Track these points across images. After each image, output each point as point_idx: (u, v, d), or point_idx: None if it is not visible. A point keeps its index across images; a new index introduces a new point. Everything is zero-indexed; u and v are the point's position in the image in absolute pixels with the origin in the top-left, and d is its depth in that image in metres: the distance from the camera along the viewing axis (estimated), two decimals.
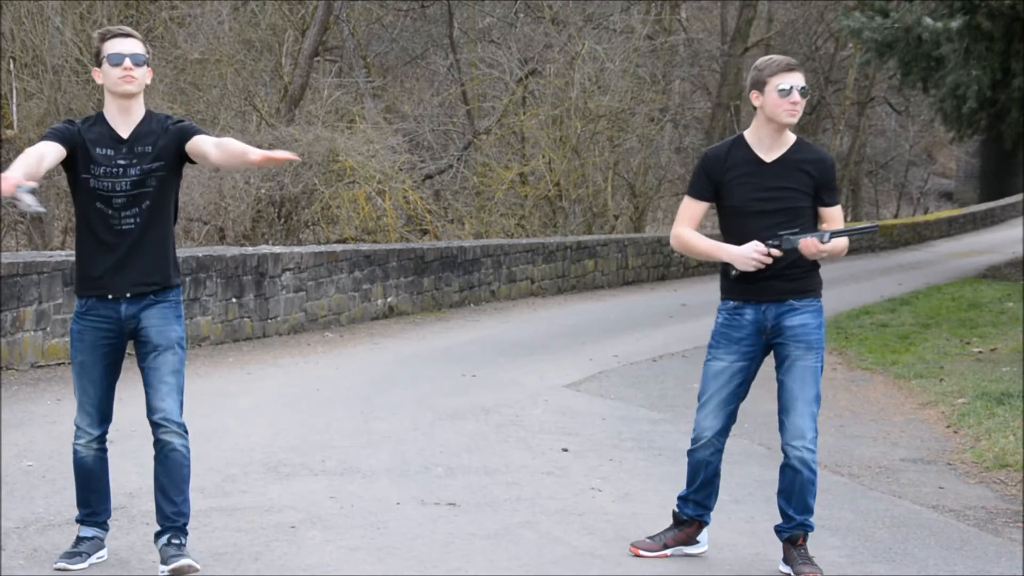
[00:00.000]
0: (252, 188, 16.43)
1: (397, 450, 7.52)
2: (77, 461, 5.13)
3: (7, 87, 16.61)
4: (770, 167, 5.24)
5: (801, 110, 5.22)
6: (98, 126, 4.96)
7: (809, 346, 5.21)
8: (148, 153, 4.94)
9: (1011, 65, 16.60)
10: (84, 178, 4.93)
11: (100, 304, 5.01)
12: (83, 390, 5.08)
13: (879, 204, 43.50)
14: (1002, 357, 11.73)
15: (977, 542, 5.92)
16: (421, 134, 21.95)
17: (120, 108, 4.95)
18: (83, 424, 5.11)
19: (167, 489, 5.00)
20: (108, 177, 4.91)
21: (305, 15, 20.64)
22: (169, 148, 4.95)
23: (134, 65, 4.88)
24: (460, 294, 17.32)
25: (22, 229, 16.65)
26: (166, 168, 4.97)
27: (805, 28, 33.06)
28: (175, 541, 4.97)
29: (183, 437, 5.00)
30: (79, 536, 5.14)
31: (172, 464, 4.98)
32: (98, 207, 4.93)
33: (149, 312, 5.02)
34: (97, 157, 4.90)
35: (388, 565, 5.27)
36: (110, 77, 4.91)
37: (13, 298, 9.90)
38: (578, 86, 21.63)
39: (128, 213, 4.93)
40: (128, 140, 4.94)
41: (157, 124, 5.00)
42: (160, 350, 5.00)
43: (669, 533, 5.47)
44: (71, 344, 5.10)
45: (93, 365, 5.05)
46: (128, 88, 4.89)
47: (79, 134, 4.92)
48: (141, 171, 4.93)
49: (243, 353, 11.85)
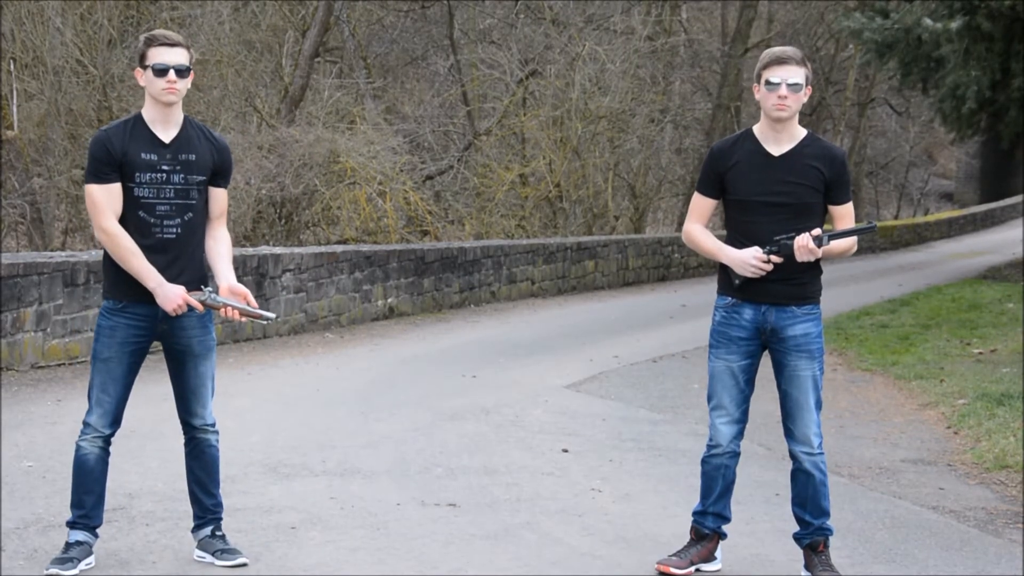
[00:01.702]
0: (253, 189, 16.43)
1: (397, 451, 7.52)
2: (80, 459, 5.11)
3: (7, 88, 16.61)
4: (778, 161, 5.13)
5: (794, 104, 5.06)
6: (138, 130, 5.03)
7: (811, 356, 5.18)
8: (192, 163, 5.05)
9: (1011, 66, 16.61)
10: (128, 187, 4.98)
11: (137, 304, 5.02)
12: (103, 387, 5.07)
13: (879, 205, 43.49)
14: (1002, 358, 11.73)
15: (977, 543, 5.92)
16: (422, 135, 21.94)
17: (161, 113, 5.04)
18: (96, 422, 5.09)
19: (206, 483, 5.26)
20: (152, 184, 4.98)
21: (305, 16, 20.63)
22: (211, 168, 5.10)
23: (177, 77, 4.98)
24: (460, 295, 17.32)
25: (22, 230, 16.65)
26: (206, 183, 5.10)
27: (805, 29, 33.04)
28: (219, 533, 5.27)
29: (217, 435, 5.31)
30: (68, 541, 5.11)
31: (209, 459, 5.27)
32: (140, 215, 4.98)
33: (188, 319, 5.09)
34: (140, 163, 4.97)
35: (388, 566, 5.28)
36: (154, 86, 4.99)
37: (13, 299, 9.90)
38: (578, 87, 21.63)
39: (171, 223, 5.01)
40: (171, 145, 5.03)
41: (196, 132, 5.12)
42: (200, 359, 5.16)
43: (693, 550, 5.34)
44: (97, 340, 5.07)
45: (119, 362, 5.06)
46: (171, 99, 5.00)
47: (118, 148, 4.96)
48: (185, 181, 5.02)
49: (243, 354, 11.85)
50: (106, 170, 4.95)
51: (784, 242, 5.08)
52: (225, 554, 5.21)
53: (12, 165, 16.68)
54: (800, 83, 5.08)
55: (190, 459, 5.27)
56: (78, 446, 5.12)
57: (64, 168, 16.63)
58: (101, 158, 4.96)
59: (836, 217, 5.26)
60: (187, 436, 5.27)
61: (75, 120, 16.87)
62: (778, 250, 5.09)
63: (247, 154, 16.60)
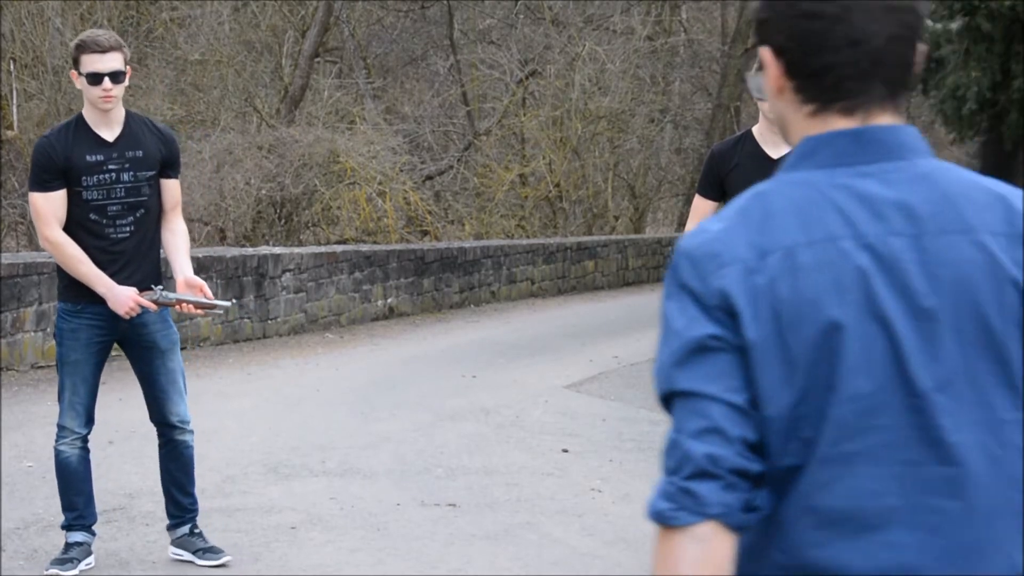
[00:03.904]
0: (252, 189, 16.44)
1: (397, 451, 7.52)
2: (62, 462, 5.06)
3: (7, 88, 16.61)
4: (777, 163, 5.14)
5: None
6: (81, 132, 4.97)
7: None
8: (140, 159, 4.99)
9: (1011, 67, 16.61)
10: (75, 191, 4.93)
11: (94, 305, 4.98)
12: (73, 389, 5.03)
13: None
14: None
15: None
16: (421, 135, 21.95)
17: (101, 115, 4.98)
18: (70, 424, 5.05)
19: (184, 483, 5.22)
20: (100, 186, 4.93)
21: (305, 16, 20.64)
22: (159, 160, 5.05)
23: (113, 84, 4.90)
24: (460, 295, 17.32)
25: (22, 230, 16.65)
26: (156, 177, 5.05)
27: None
28: (197, 531, 5.26)
29: (192, 434, 5.24)
30: (68, 542, 5.08)
31: (186, 460, 5.22)
32: (92, 218, 4.94)
33: (147, 315, 5.03)
34: (86, 165, 4.91)
35: (388, 566, 5.27)
36: (90, 93, 4.92)
37: (13, 299, 9.90)
38: (578, 87, 21.64)
39: (123, 222, 4.97)
40: (116, 144, 4.97)
41: (140, 126, 5.06)
42: (167, 353, 5.09)
43: None
44: (61, 344, 5.04)
45: (86, 363, 5.03)
46: (107, 107, 4.94)
47: (61, 153, 4.91)
48: (135, 178, 4.97)
49: (243, 354, 11.85)
50: (48, 177, 4.89)
51: None
52: (208, 553, 5.20)
53: (12, 165, 16.69)
54: None
55: (167, 460, 5.20)
56: (58, 451, 5.07)
57: None
58: (43, 165, 4.90)
59: None
60: (164, 438, 5.18)
61: None
62: None
63: (247, 154, 16.61)
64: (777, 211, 1.62)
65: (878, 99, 1.65)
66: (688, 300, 1.63)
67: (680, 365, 1.60)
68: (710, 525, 1.54)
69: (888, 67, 1.64)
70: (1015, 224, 1.63)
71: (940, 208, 1.61)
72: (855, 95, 1.64)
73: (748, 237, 1.61)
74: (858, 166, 1.63)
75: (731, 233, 1.63)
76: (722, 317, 1.59)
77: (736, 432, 1.56)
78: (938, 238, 1.60)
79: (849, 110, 1.64)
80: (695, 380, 1.59)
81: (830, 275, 1.58)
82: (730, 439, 1.56)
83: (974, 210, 1.62)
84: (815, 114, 1.66)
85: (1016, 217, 1.64)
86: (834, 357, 1.56)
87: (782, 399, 1.57)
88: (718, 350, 1.58)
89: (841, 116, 1.65)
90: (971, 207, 1.62)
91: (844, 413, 1.56)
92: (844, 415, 1.56)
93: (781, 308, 1.57)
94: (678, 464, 1.58)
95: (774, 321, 1.57)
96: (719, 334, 1.59)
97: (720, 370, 1.58)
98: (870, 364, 1.57)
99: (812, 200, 1.61)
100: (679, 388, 1.60)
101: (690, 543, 1.54)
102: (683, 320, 1.63)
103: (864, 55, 1.62)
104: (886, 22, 1.61)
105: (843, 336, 1.56)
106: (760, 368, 1.57)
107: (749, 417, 1.57)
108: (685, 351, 1.60)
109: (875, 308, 1.57)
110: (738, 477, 1.56)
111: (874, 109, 1.65)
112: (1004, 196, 1.66)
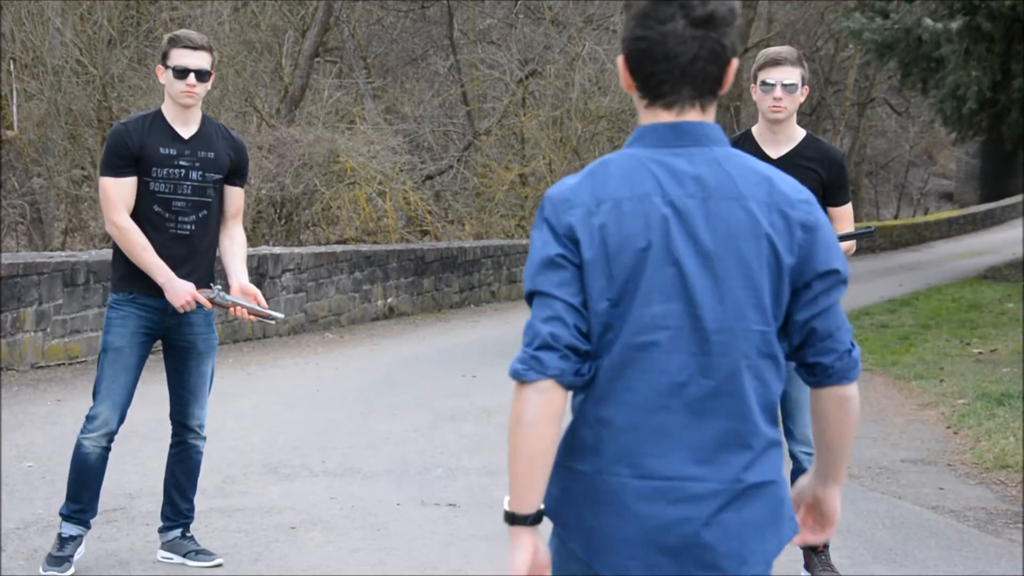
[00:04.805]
0: (253, 189, 16.43)
1: (397, 451, 7.52)
2: (81, 455, 5.03)
3: (7, 88, 16.61)
4: (776, 163, 5.07)
5: (790, 105, 5.04)
6: (157, 124, 5.04)
7: None
8: (211, 160, 5.06)
9: (1011, 66, 16.60)
10: (144, 181, 4.98)
11: (146, 297, 5.01)
12: (114, 378, 5.00)
13: (879, 205, 43.50)
14: (1002, 358, 11.74)
15: (977, 543, 5.92)
16: (421, 135, 21.95)
17: (181, 112, 5.06)
18: (103, 415, 4.99)
19: (185, 488, 5.23)
20: (169, 180, 4.99)
21: (305, 16, 20.64)
22: (228, 166, 5.11)
23: (197, 81, 4.99)
24: (460, 295, 17.32)
25: (22, 230, 16.65)
26: (223, 182, 5.12)
27: (805, 29, 33.05)
28: (188, 535, 5.25)
29: (204, 441, 5.27)
30: (62, 536, 5.06)
31: (194, 465, 5.24)
32: (156, 210, 4.99)
33: (195, 316, 5.08)
34: (158, 157, 4.97)
35: (388, 566, 5.27)
36: (173, 87, 5.00)
37: (13, 299, 9.90)
38: (578, 87, 21.63)
39: (186, 219, 5.02)
40: (190, 141, 5.04)
41: (215, 130, 5.14)
42: (203, 357, 5.15)
43: None
44: (108, 331, 5.02)
45: (131, 352, 5.02)
46: (189, 102, 5.02)
47: (136, 141, 4.97)
48: (203, 178, 5.03)
49: (243, 354, 11.85)
50: (121, 163, 4.95)
51: None
52: (200, 555, 5.20)
53: (12, 165, 16.68)
54: (796, 83, 5.05)
55: (174, 461, 5.22)
56: (81, 443, 5.03)
57: (64, 168, 16.63)
58: (117, 151, 4.96)
59: (835, 219, 5.24)
60: (177, 438, 5.21)
61: (75, 120, 16.88)
62: None
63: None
64: (613, 174, 2.32)
65: (688, 100, 2.33)
66: (546, 229, 2.31)
67: (538, 274, 2.30)
68: (549, 382, 2.26)
69: (694, 78, 2.31)
70: (774, 197, 2.31)
71: (723, 181, 2.31)
72: (670, 95, 2.33)
73: (591, 190, 2.31)
74: (672, 148, 2.33)
75: (580, 187, 2.33)
76: (567, 243, 2.29)
77: (571, 321, 2.27)
78: (719, 202, 2.30)
79: (669, 106, 2.34)
80: (546, 284, 2.28)
81: (643, 220, 2.28)
82: (567, 325, 2.26)
83: (746, 185, 2.31)
84: (648, 106, 2.36)
85: (776, 193, 2.32)
86: (639, 277, 2.27)
87: (603, 302, 2.28)
88: (563, 265, 2.28)
89: (664, 110, 2.35)
90: (745, 183, 2.31)
91: (643, 315, 2.27)
92: (643, 316, 2.27)
93: (608, 240, 2.27)
94: (531, 339, 2.29)
95: (602, 248, 2.27)
96: (565, 254, 2.29)
97: (563, 279, 2.28)
98: (663, 284, 2.27)
99: (637, 168, 2.32)
100: (536, 289, 2.29)
101: (534, 393, 2.26)
102: (541, 243, 2.31)
103: (675, 67, 2.30)
104: (692, 46, 2.29)
105: (647, 262, 2.27)
106: (590, 280, 2.28)
107: (581, 313, 2.28)
108: (541, 264, 2.29)
109: (670, 245, 2.27)
110: (570, 351, 2.27)
111: (686, 107, 2.33)
112: (770, 177, 2.34)
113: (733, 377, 2.28)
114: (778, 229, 2.30)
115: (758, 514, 2.30)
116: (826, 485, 2.48)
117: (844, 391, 2.37)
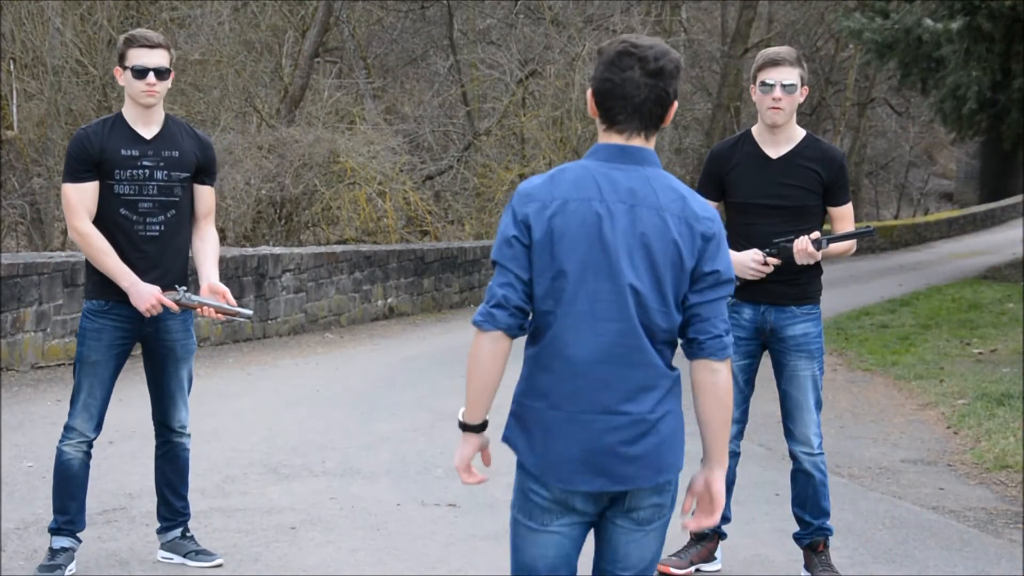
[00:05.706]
0: (253, 189, 16.43)
1: (397, 451, 7.52)
2: (62, 464, 5.03)
3: (7, 88, 16.61)
4: (776, 163, 5.12)
5: (788, 106, 5.04)
6: (118, 127, 5.00)
7: (811, 355, 5.17)
8: (176, 159, 5.01)
9: (1011, 66, 16.61)
10: (108, 184, 4.94)
11: (121, 305, 4.99)
12: (90, 391, 5.03)
13: (879, 205, 43.50)
14: (1002, 358, 11.74)
15: (977, 543, 5.92)
16: (421, 135, 21.94)
17: (141, 113, 5.02)
18: (80, 426, 5.03)
19: (177, 486, 5.24)
20: (133, 181, 4.94)
21: (305, 16, 20.64)
22: (194, 165, 5.07)
23: (157, 80, 4.95)
24: (460, 295, 17.32)
25: (22, 230, 16.65)
26: (190, 180, 5.07)
27: (805, 29, 33.04)
28: (188, 535, 5.26)
29: (189, 438, 5.28)
30: (53, 548, 5.03)
31: (183, 464, 5.25)
32: (122, 213, 4.94)
33: (171, 322, 5.07)
34: (120, 159, 4.93)
35: (388, 566, 5.27)
36: (133, 87, 4.96)
37: (13, 299, 9.90)
38: (578, 87, 21.61)
39: (153, 221, 4.98)
40: (152, 141, 5.00)
41: (179, 129, 5.10)
42: (181, 361, 5.13)
43: (693, 550, 5.35)
44: (82, 342, 5.04)
45: (105, 365, 5.03)
46: (150, 101, 4.97)
47: (96, 145, 4.93)
48: (168, 177, 4.99)
49: (243, 354, 11.85)
50: (80, 168, 4.90)
51: (783, 245, 5.07)
52: (201, 555, 5.20)
53: (12, 165, 16.68)
54: (795, 84, 5.05)
55: (163, 462, 5.23)
56: (61, 451, 5.04)
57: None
58: (77, 156, 4.92)
59: (835, 218, 5.23)
60: (161, 439, 5.22)
61: (75, 120, 16.86)
62: (777, 252, 5.08)
63: (247, 154, 16.60)
64: (568, 179, 3.06)
65: (636, 130, 3.07)
66: (511, 215, 3.05)
67: (499, 248, 3.06)
68: (499, 332, 3.06)
69: (643, 114, 3.05)
70: (685, 212, 3.04)
71: (648, 194, 3.03)
72: (623, 124, 3.06)
73: (549, 189, 3.05)
74: (615, 163, 3.07)
75: (543, 185, 3.06)
76: (523, 228, 3.04)
77: (520, 287, 3.04)
78: (642, 209, 3.03)
79: (620, 132, 3.08)
80: (504, 258, 3.05)
81: (583, 216, 3.01)
82: (516, 290, 3.04)
83: (666, 200, 3.04)
84: (606, 130, 3.09)
85: (687, 209, 3.04)
86: (576, 259, 3.00)
87: (545, 276, 3.03)
88: (518, 245, 3.04)
89: (617, 134, 3.08)
90: (665, 198, 3.04)
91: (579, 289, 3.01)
92: (579, 291, 3.01)
93: (554, 229, 3.01)
94: (489, 298, 3.05)
95: (548, 235, 3.01)
96: (519, 236, 3.04)
97: (515, 255, 3.04)
98: (595, 267, 3.00)
99: (585, 177, 3.06)
100: (497, 260, 3.05)
101: (487, 340, 3.08)
102: (505, 224, 3.05)
103: (629, 105, 3.05)
104: (644, 90, 3.03)
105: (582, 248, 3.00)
106: (536, 258, 3.03)
107: (527, 283, 3.04)
108: (502, 241, 3.05)
109: (601, 238, 3.00)
110: (517, 310, 3.04)
111: (634, 135, 3.07)
112: (685, 196, 3.07)
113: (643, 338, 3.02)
114: (684, 237, 3.01)
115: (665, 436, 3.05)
116: (711, 468, 3.10)
117: (712, 364, 3.04)
